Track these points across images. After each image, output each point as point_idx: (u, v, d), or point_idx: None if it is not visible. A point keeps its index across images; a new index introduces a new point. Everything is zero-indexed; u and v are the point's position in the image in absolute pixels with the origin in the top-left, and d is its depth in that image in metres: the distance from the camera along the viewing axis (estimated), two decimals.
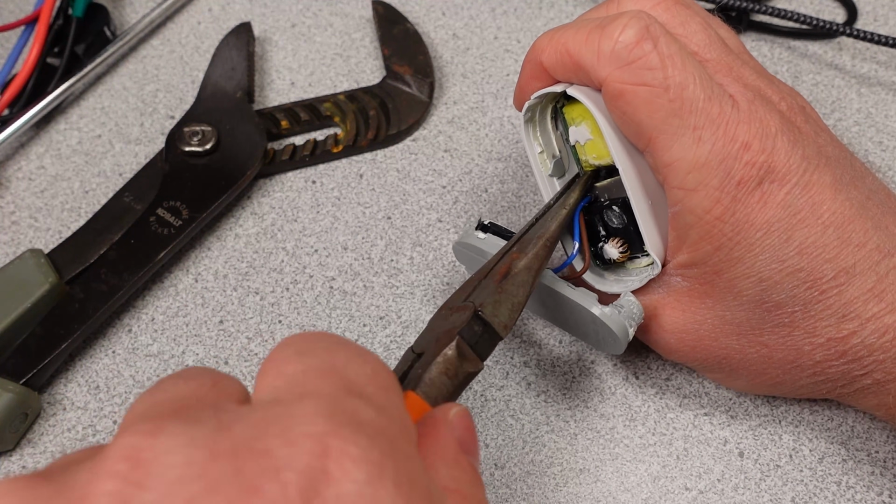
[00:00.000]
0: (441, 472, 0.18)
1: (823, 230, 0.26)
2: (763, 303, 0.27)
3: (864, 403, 0.29)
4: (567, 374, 0.34)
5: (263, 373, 0.18)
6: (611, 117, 0.27)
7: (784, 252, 0.26)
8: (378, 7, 0.45)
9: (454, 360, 0.23)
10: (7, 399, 0.31)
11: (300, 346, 0.19)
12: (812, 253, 0.26)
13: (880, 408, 0.28)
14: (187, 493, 0.15)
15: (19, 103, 0.41)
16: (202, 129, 0.39)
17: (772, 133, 0.26)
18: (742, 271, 0.27)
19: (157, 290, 0.37)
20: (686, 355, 0.30)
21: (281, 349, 0.19)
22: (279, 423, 0.16)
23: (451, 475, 0.18)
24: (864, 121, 0.42)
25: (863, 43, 0.44)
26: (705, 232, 0.27)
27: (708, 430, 0.33)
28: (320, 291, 0.37)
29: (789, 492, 0.31)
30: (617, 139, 0.28)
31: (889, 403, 0.27)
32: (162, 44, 0.46)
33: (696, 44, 0.28)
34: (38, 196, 0.40)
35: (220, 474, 0.15)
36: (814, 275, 0.26)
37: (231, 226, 0.39)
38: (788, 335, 0.27)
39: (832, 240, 0.26)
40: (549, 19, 0.46)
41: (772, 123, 0.26)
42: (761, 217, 0.26)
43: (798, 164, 0.26)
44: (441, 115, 0.43)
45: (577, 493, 0.31)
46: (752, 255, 0.26)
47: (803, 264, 0.26)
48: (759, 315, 0.28)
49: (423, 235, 0.38)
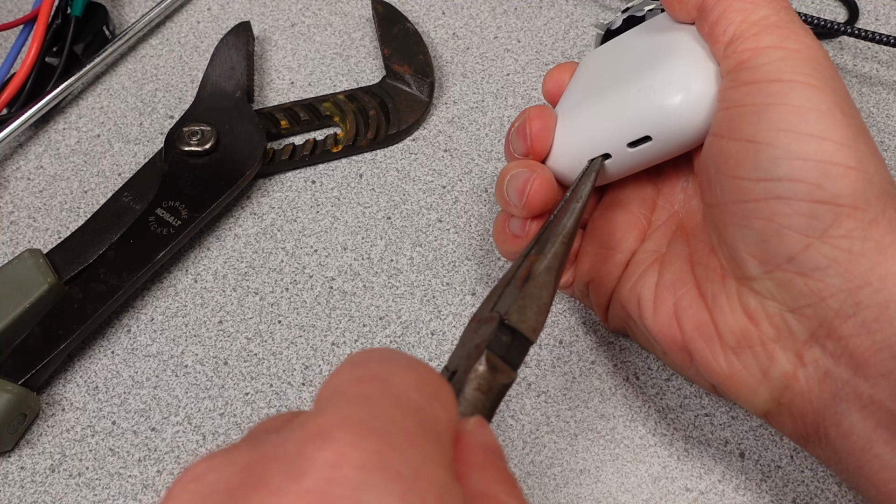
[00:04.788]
0: (473, 478, 0.18)
1: None
2: None
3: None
4: (567, 374, 0.34)
5: (322, 386, 0.19)
6: None
7: None
8: (378, 6, 0.45)
9: (486, 374, 0.23)
10: (6, 399, 0.31)
11: (355, 359, 0.19)
12: None
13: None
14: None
15: (18, 103, 0.41)
16: (201, 129, 0.39)
17: None
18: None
19: (157, 290, 0.37)
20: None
21: (342, 364, 0.19)
22: (302, 425, 0.16)
23: (483, 479, 0.18)
24: (866, 120, 0.41)
25: (864, 42, 0.44)
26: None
27: (709, 430, 0.33)
28: (320, 291, 0.37)
29: (790, 493, 0.31)
30: None
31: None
32: (161, 43, 0.46)
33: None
34: (36, 196, 0.40)
35: (240, 479, 0.16)
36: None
37: (230, 226, 0.39)
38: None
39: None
40: (549, 19, 0.46)
41: None
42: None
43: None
44: (441, 114, 0.43)
45: (577, 494, 0.31)
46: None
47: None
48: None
49: (423, 235, 0.38)
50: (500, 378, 0.23)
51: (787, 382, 0.26)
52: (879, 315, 0.24)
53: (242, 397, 0.34)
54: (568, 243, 0.27)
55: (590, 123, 0.30)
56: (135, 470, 0.32)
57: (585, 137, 0.30)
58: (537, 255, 0.27)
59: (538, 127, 0.31)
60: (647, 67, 0.29)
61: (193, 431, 0.33)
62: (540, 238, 0.28)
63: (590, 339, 0.35)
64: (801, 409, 0.26)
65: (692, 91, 0.27)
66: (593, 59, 0.33)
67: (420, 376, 0.18)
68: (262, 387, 0.34)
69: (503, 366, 0.24)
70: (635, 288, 0.30)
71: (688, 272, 0.29)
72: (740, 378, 0.27)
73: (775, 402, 0.27)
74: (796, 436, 0.27)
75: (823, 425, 0.26)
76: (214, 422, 0.33)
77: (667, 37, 0.29)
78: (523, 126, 0.31)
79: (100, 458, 0.33)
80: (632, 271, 0.31)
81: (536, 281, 0.26)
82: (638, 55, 0.30)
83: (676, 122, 0.28)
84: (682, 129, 0.28)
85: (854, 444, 0.25)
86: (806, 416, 0.26)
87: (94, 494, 0.32)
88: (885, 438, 0.24)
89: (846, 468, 0.26)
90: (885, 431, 0.24)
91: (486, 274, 0.37)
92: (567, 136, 0.31)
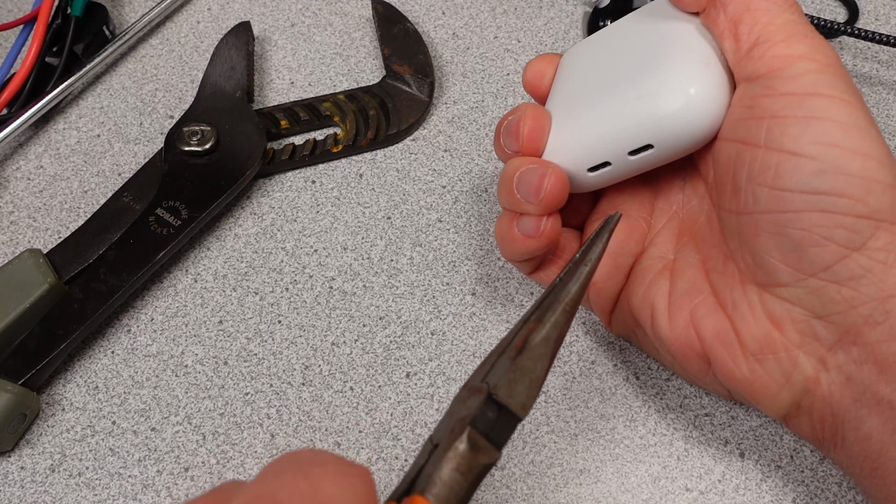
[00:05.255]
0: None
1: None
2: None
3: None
4: (567, 374, 0.34)
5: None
6: None
7: None
8: (378, 6, 0.45)
9: (466, 454, 0.22)
10: (6, 399, 0.31)
11: (267, 469, 0.19)
12: None
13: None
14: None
15: (18, 103, 0.41)
16: (201, 129, 0.39)
17: None
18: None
19: (157, 290, 0.37)
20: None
21: (259, 473, 0.19)
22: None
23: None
24: None
25: (864, 42, 0.44)
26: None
27: (709, 430, 0.33)
28: (320, 291, 0.37)
29: (790, 493, 0.31)
30: None
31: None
32: (161, 43, 0.46)
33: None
34: (36, 196, 0.40)
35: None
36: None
37: (230, 226, 0.39)
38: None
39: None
40: (549, 19, 0.46)
41: None
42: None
43: None
44: (441, 114, 0.43)
45: (577, 494, 0.31)
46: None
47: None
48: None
49: (423, 235, 0.38)
50: (481, 458, 0.22)
51: (808, 387, 0.27)
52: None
53: (242, 397, 0.34)
54: (571, 312, 0.25)
55: (587, 131, 0.29)
56: (135, 470, 0.32)
57: (584, 145, 0.29)
58: (536, 323, 0.25)
59: (531, 126, 0.30)
60: (646, 68, 0.28)
61: (193, 431, 0.33)
62: (542, 303, 0.26)
63: (590, 339, 0.35)
64: (820, 413, 0.27)
65: (696, 97, 0.26)
66: (584, 51, 0.31)
67: (310, 487, 0.18)
68: (262, 387, 0.34)
69: (486, 444, 0.22)
70: (647, 298, 0.30)
71: (702, 280, 0.29)
72: (762, 384, 0.27)
73: (795, 406, 0.27)
74: (812, 438, 0.28)
75: (842, 429, 0.26)
76: (214, 422, 0.33)
77: (665, 29, 0.28)
78: (516, 124, 0.30)
79: (100, 458, 0.33)
80: (639, 278, 0.31)
81: (532, 353, 0.24)
82: (635, 51, 0.29)
83: (680, 130, 0.27)
84: (686, 135, 0.27)
85: (871, 448, 0.25)
86: (825, 419, 0.27)
87: (94, 494, 0.32)
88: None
89: (860, 471, 0.26)
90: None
91: (486, 274, 0.37)
92: (563, 142, 0.30)
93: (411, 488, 0.21)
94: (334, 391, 0.34)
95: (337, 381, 0.34)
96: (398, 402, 0.34)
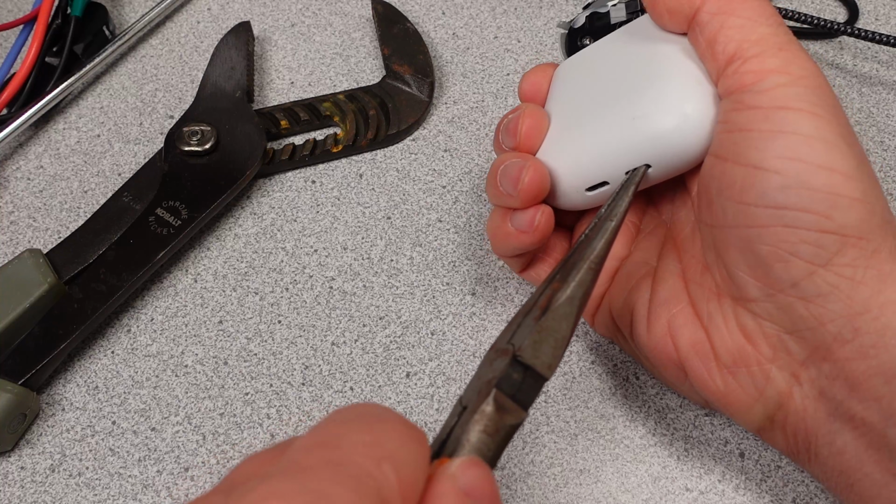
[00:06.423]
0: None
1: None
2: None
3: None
4: (567, 374, 0.34)
5: (289, 442, 0.19)
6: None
7: None
8: (378, 6, 0.45)
9: (493, 415, 0.22)
10: (5, 399, 0.31)
11: (328, 419, 0.19)
12: None
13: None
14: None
15: (18, 103, 0.41)
16: (201, 129, 0.39)
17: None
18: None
19: (156, 290, 0.37)
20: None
21: (321, 421, 0.19)
22: (242, 497, 0.17)
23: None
24: (866, 120, 0.42)
25: (864, 42, 0.44)
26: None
27: (709, 430, 0.33)
28: (320, 291, 0.37)
29: (790, 492, 0.31)
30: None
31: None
32: (161, 43, 0.46)
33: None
34: (36, 196, 0.40)
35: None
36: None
37: (230, 226, 0.39)
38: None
39: None
40: (549, 19, 0.46)
41: None
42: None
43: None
44: (441, 114, 0.43)
45: (577, 494, 0.31)
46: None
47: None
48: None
49: (423, 235, 0.38)
50: (508, 419, 0.22)
51: (781, 401, 0.26)
52: (877, 341, 0.24)
53: (242, 397, 0.34)
54: (596, 269, 0.25)
55: (585, 152, 0.29)
56: (135, 470, 0.32)
57: (581, 166, 0.30)
58: (560, 283, 0.25)
59: (529, 125, 0.31)
60: (639, 89, 0.28)
61: (193, 431, 0.33)
62: (567, 262, 0.26)
63: (590, 339, 0.35)
64: (794, 427, 0.27)
65: (691, 117, 0.27)
66: (574, 68, 0.32)
67: (373, 439, 0.18)
68: (262, 387, 0.34)
69: (512, 405, 0.22)
70: (628, 304, 0.30)
71: (681, 290, 0.29)
72: (735, 396, 0.27)
73: (769, 419, 0.27)
74: (787, 451, 0.28)
75: (815, 443, 0.26)
76: (214, 422, 0.33)
77: (655, 49, 0.29)
78: (515, 122, 0.31)
79: (100, 458, 0.33)
80: (622, 282, 0.31)
81: (556, 312, 0.24)
82: (627, 70, 0.29)
83: (676, 150, 0.27)
84: (682, 155, 0.27)
85: (846, 463, 0.25)
86: (798, 433, 0.27)
87: (94, 494, 0.32)
88: (875, 459, 0.25)
89: (836, 485, 0.26)
90: (875, 452, 0.25)
91: (486, 274, 0.37)
92: (561, 163, 0.30)
93: (441, 450, 0.21)
94: (334, 391, 0.34)
95: (337, 381, 0.34)
96: (398, 402, 0.34)
